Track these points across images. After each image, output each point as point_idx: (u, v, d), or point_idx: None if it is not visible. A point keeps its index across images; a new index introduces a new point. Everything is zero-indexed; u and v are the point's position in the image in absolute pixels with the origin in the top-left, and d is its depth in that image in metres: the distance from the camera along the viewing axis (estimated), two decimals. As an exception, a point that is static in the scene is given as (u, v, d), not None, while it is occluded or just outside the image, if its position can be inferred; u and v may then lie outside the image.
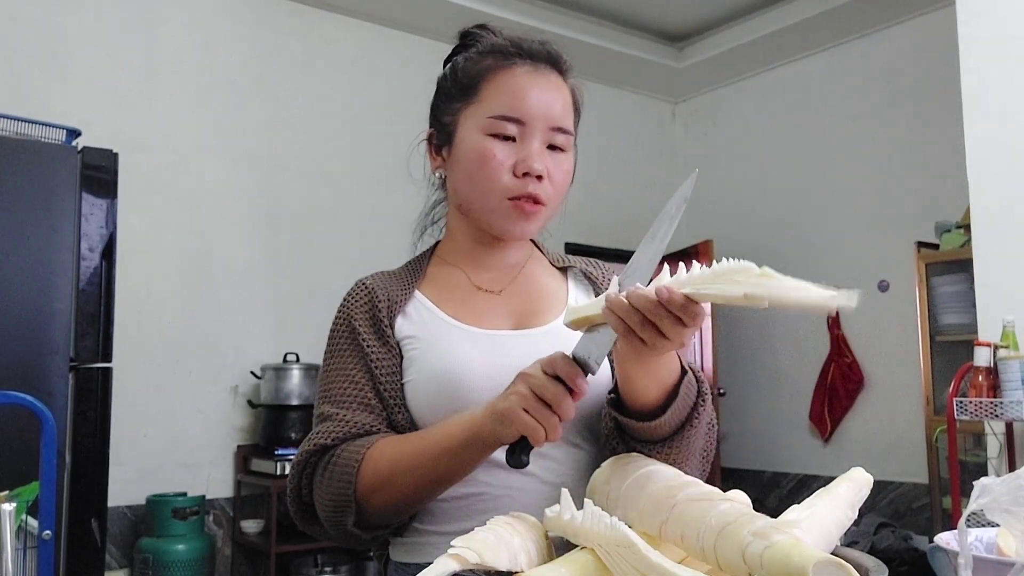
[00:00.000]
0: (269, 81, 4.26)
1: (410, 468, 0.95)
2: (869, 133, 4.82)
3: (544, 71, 1.08)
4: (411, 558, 1.04)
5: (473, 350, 1.04)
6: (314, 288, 4.13)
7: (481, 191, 1.06)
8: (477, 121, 1.06)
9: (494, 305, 1.10)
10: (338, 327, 1.10)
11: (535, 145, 1.04)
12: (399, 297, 1.09)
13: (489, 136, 1.05)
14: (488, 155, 1.04)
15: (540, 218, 1.08)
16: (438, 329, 1.07)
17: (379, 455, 0.97)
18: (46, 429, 1.55)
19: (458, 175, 1.09)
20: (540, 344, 1.05)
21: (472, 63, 1.09)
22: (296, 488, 1.03)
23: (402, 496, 0.97)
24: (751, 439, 5.33)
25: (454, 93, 1.10)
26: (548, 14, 4.81)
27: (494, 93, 1.06)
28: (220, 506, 3.97)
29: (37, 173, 2.70)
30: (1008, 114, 2.86)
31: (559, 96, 1.07)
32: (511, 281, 1.13)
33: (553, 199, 1.08)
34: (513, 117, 1.04)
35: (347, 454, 0.98)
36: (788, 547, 0.63)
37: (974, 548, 0.84)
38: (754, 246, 5.37)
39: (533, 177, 1.04)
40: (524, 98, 1.05)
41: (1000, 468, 2.86)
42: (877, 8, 4.60)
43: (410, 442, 0.97)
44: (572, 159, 1.10)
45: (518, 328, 1.09)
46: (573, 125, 1.10)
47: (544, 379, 0.86)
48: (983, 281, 2.89)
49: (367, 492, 0.96)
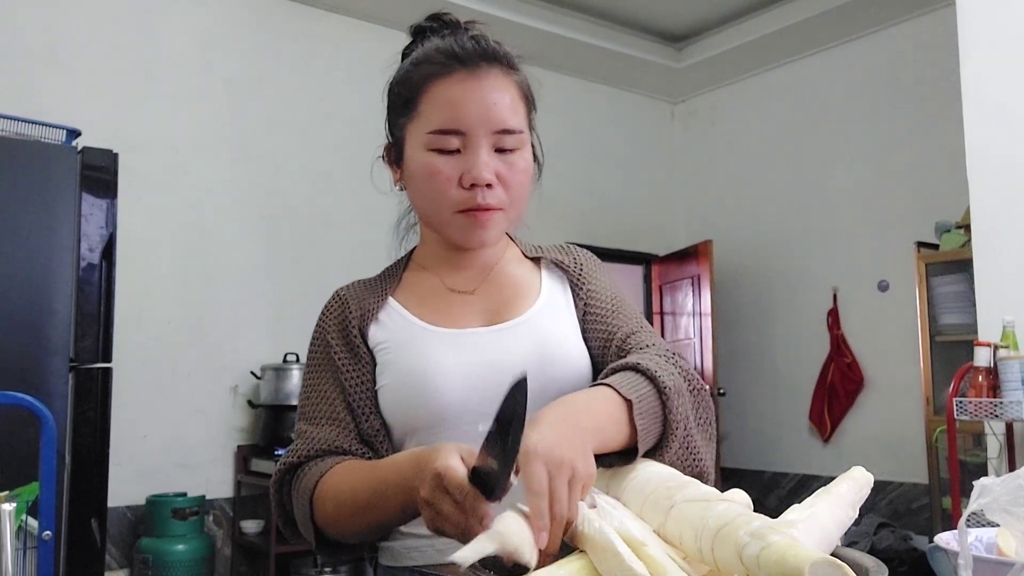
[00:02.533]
0: (269, 81, 4.26)
1: (350, 511, 0.95)
2: (869, 133, 4.82)
3: (482, 72, 1.03)
4: (398, 562, 1.04)
5: (443, 350, 1.04)
6: (314, 288, 4.11)
7: (433, 206, 1.05)
8: (419, 137, 1.03)
9: (467, 305, 1.10)
10: (314, 343, 1.12)
11: (481, 154, 1.01)
12: (372, 305, 1.09)
13: (432, 151, 1.02)
14: (433, 171, 1.02)
15: (499, 223, 1.05)
16: (410, 333, 1.06)
17: (328, 490, 0.97)
18: (46, 429, 1.55)
19: (412, 190, 1.08)
20: (511, 337, 1.06)
21: (409, 74, 1.06)
22: (279, 504, 1.05)
23: (350, 532, 0.98)
24: (751, 439, 5.33)
25: (398, 106, 1.08)
26: (548, 14, 4.81)
27: (431, 107, 1.02)
28: (220, 506, 3.97)
29: (37, 173, 2.70)
30: (1008, 114, 2.86)
31: (502, 95, 1.03)
32: (484, 280, 1.12)
33: (513, 201, 1.05)
34: (452, 129, 1.01)
35: (307, 479, 1.00)
36: (784, 548, 0.63)
37: (974, 548, 0.84)
38: (754, 246, 5.38)
39: (481, 187, 1.01)
40: (461, 108, 1.01)
41: (1000, 468, 2.86)
42: (877, 8, 4.60)
43: (348, 484, 0.96)
44: (528, 155, 1.07)
45: (490, 324, 1.08)
46: (525, 118, 1.06)
47: (440, 497, 0.77)
48: (983, 281, 2.89)
49: (322, 522, 0.99)
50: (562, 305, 1.13)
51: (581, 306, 1.13)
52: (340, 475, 0.98)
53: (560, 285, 1.15)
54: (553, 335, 1.08)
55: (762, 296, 5.33)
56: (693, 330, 5.29)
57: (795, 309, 5.15)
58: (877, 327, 4.70)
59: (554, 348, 1.06)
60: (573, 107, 5.29)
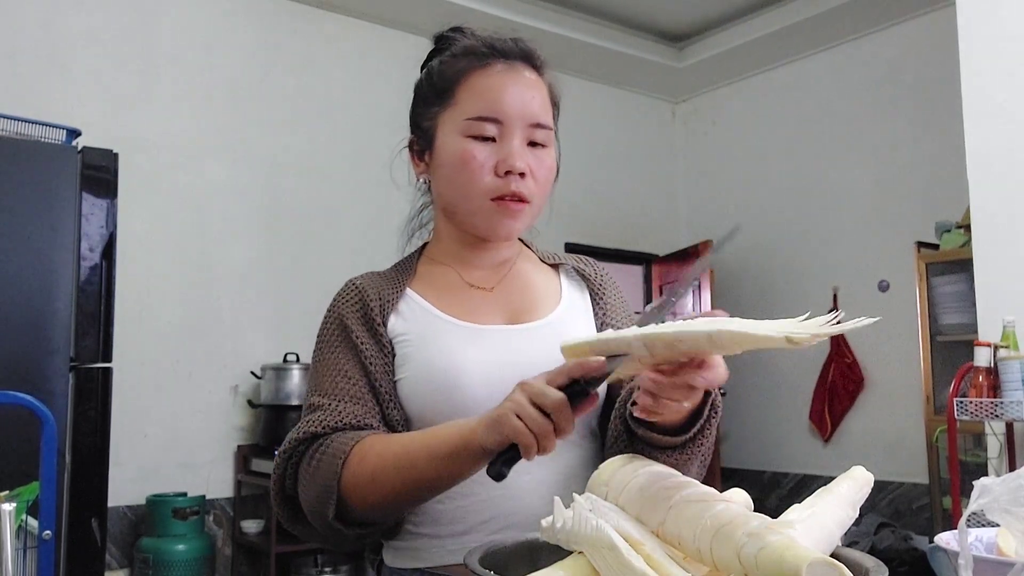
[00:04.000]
0: (269, 81, 4.25)
1: (395, 469, 0.92)
2: (869, 133, 4.82)
3: (519, 68, 1.08)
4: (406, 563, 1.03)
5: (469, 345, 1.03)
6: (314, 288, 4.11)
7: (464, 193, 1.06)
8: (455, 124, 1.06)
9: (487, 302, 1.10)
10: (329, 325, 1.09)
11: (515, 143, 1.04)
12: (391, 295, 1.08)
13: (468, 138, 1.04)
14: (468, 157, 1.04)
15: (525, 216, 1.07)
16: (432, 325, 1.06)
17: (366, 451, 0.94)
18: (46, 429, 1.55)
19: (441, 179, 1.09)
20: (535, 338, 1.06)
21: (447, 66, 1.09)
22: (280, 479, 1.00)
23: (385, 497, 0.94)
24: (751, 439, 5.33)
25: (431, 97, 1.10)
26: (548, 14, 4.81)
27: (470, 95, 1.05)
28: (220, 506, 3.97)
29: (37, 173, 2.70)
30: (1008, 114, 2.85)
31: (536, 92, 1.08)
32: (502, 279, 1.13)
33: (537, 196, 1.07)
34: (491, 117, 1.04)
35: (336, 445, 0.96)
36: (782, 548, 0.64)
37: (974, 548, 0.84)
38: (754, 246, 5.38)
39: (515, 175, 1.03)
40: (500, 97, 1.04)
41: (1000, 468, 2.85)
42: (877, 8, 4.60)
43: (399, 443, 0.95)
44: (554, 154, 1.10)
45: (513, 323, 1.08)
46: (552, 120, 1.10)
47: (543, 387, 0.82)
48: (983, 281, 2.89)
49: (351, 487, 0.94)
50: (583, 312, 1.15)
51: (600, 316, 1.15)
52: (382, 436, 0.96)
53: (580, 293, 1.17)
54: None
55: (762, 296, 5.33)
56: (693, 330, 5.28)
57: (795, 309, 5.09)
58: (877, 327, 4.65)
59: None
60: (573, 107, 5.24)
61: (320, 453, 0.96)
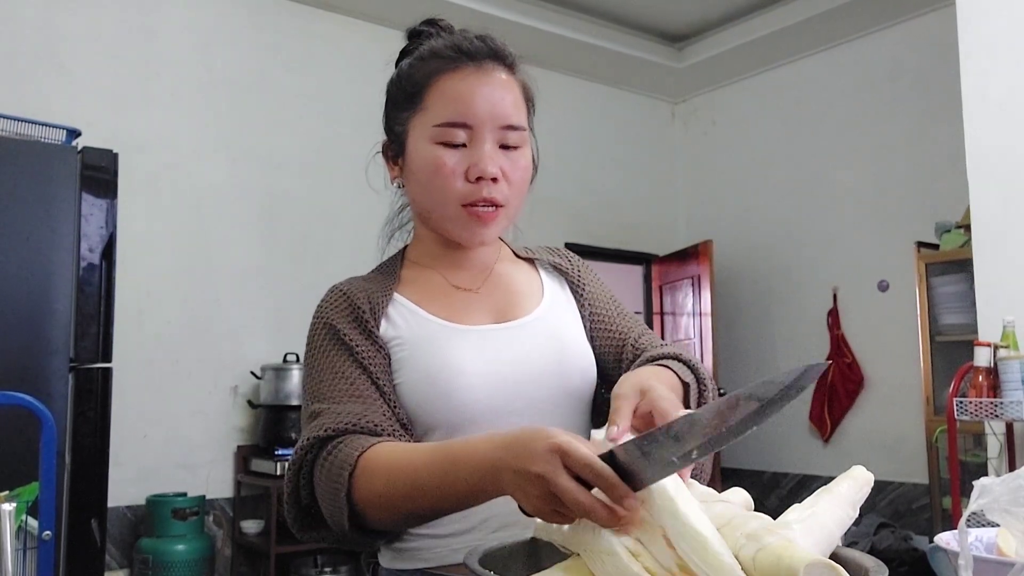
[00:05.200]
0: (269, 81, 4.25)
1: (405, 499, 0.88)
2: (869, 133, 4.82)
3: (489, 68, 1.04)
4: (405, 564, 1.02)
5: (463, 346, 1.03)
6: (314, 288, 4.07)
7: (436, 200, 1.04)
8: (425, 130, 1.03)
9: (474, 303, 1.10)
10: (317, 332, 1.06)
11: (486, 148, 1.02)
12: (380, 300, 1.07)
13: (438, 144, 1.02)
14: (439, 164, 1.02)
15: (500, 220, 1.06)
16: (425, 329, 1.05)
17: (374, 468, 0.90)
18: (46, 429, 1.55)
19: (413, 185, 1.08)
20: (525, 335, 1.07)
21: (415, 70, 1.07)
22: (294, 491, 0.96)
23: (396, 521, 0.93)
24: (751, 439, 5.27)
25: (401, 101, 1.08)
26: (548, 14, 4.81)
27: (439, 100, 1.03)
28: (220, 506, 3.97)
29: (37, 173, 2.70)
30: (1008, 114, 2.86)
31: (506, 93, 1.04)
32: (485, 279, 1.13)
33: (512, 198, 1.06)
34: (460, 122, 1.02)
35: (341, 454, 0.92)
36: (780, 549, 0.64)
37: (974, 548, 0.84)
38: (754, 246, 5.38)
39: (487, 180, 1.02)
40: (469, 102, 1.02)
41: (1000, 468, 2.86)
42: (877, 8, 4.60)
43: (410, 468, 0.88)
44: (529, 154, 1.08)
45: (501, 322, 1.08)
46: (526, 118, 1.08)
47: (575, 491, 0.70)
48: (983, 281, 2.89)
49: (362, 503, 0.90)
50: (565, 305, 1.15)
51: (587, 308, 1.15)
52: (390, 451, 0.91)
53: (559, 286, 1.17)
54: (566, 333, 1.10)
55: (762, 296, 5.33)
56: (693, 330, 5.29)
57: (795, 309, 5.14)
58: (877, 327, 4.70)
59: (570, 345, 1.09)
60: (573, 107, 5.29)
61: (327, 461, 0.93)
